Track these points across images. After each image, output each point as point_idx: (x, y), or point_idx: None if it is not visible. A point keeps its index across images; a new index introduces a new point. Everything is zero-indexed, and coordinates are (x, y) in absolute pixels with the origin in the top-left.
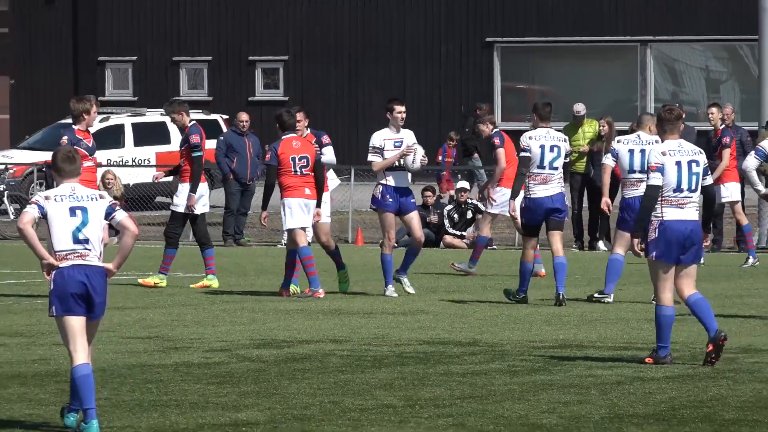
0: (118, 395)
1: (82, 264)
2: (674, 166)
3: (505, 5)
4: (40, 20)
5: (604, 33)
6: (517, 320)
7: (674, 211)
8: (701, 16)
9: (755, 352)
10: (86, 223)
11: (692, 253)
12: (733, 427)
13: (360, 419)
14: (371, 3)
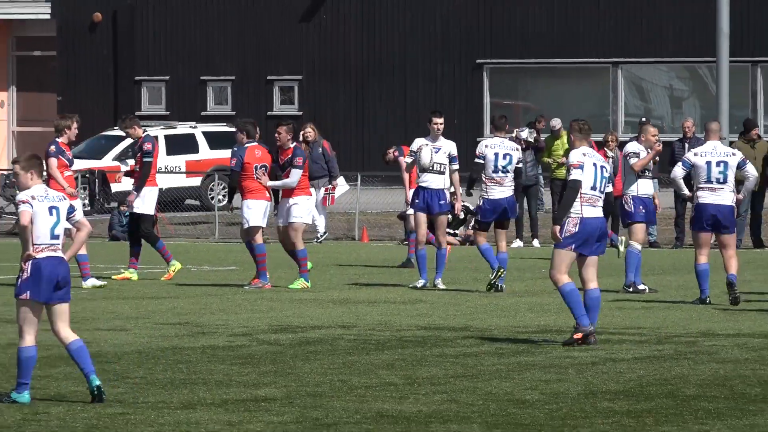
0: (152, 374)
1: (55, 256)
2: (592, 167)
3: (494, 31)
4: (84, 44)
5: (580, 55)
6: (504, 308)
7: (590, 209)
8: (666, 40)
9: (713, 336)
10: (59, 221)
11: (600, 246)
12: (693, 402)
13: (365, 395)
14: (375, 28)
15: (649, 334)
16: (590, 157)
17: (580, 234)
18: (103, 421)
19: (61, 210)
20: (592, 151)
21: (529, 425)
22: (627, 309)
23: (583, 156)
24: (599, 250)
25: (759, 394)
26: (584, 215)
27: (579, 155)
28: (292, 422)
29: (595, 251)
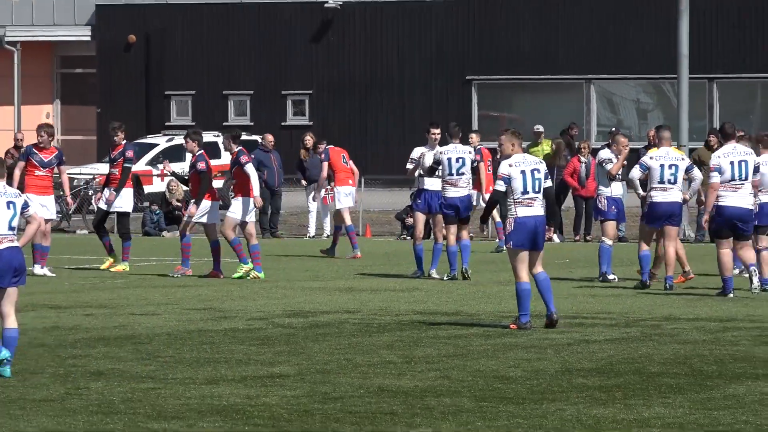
0: (180, 353)
1: (12, 246)
2: (519, 175)
3: (482, 51)
4: (120, 62)
5: (558, 72)
6: (490, 296)
7: (524, 209)
8: (633, 60)
9: (674, 320)
10: (16, 214)
11: (539, 241)
12: (657, 378)
13: (368, 372)
14: (376, 48)
15: (618, 319)
16: (517, 167)
17: (517, 232)
18: (137, 395)
19: (17, 205)
20: (521, 157)
21: (513, 399)
22: (599, 296)
23: (509, 167)
24: (538, 245)
25: (715, 371)
26: (518, 215)
27: (506, 167)
28: (304, 396)
29: (536, 246)
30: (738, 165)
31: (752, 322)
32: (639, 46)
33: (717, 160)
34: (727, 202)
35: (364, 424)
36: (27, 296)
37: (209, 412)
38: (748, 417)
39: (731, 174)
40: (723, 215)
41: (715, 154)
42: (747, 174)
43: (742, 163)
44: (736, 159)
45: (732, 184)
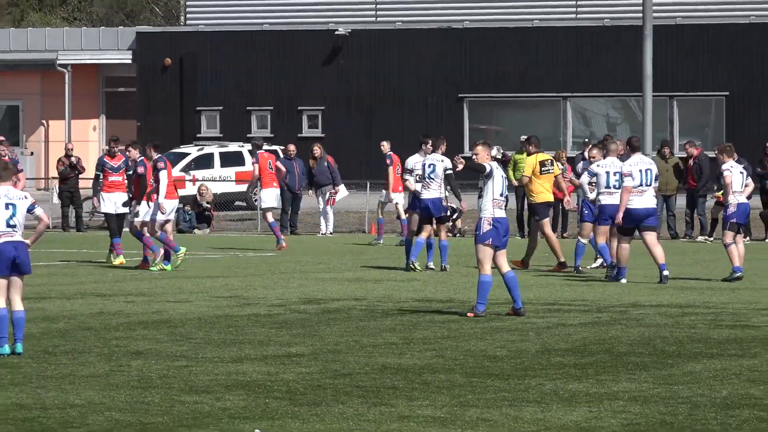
0: (209, 335)
1: (11, 240)
2: (501, 179)
3: (472, 72)
4: (158, 82)
5: (539, 91)
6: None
7: (499, 211)
8: (603, 80)
9: (640, 306)
10: (15, 214)
11: (506, 240)
12: (624, 357)
13: (372, 352)
14: (379, 70)
15: (590, 305)
16: (498, 170)
17: (494, 230)
18: (172, 371)
19: (19, 206)
20: (496, 165)
21: (499, 375)
22: (574, 286)
23: (497, 169)
24: (506, 243)
25: (675, 351)
26: (495, 215)
27: (494, 165)
28: (317, 373)
29: (503, 245)
30: (645, 173)
31: (708, 308)
32: (608, 68)
33: (629, 168)
34: (635, 204)
35: (370, 397)
36: (76, 285)
37: (235, 386)
38: (703, 391)
39: (640, 180)
40: (631, 216)
41: (627, 163)
42: (651, 180)
43: (647, 171)
44: (643, 168)
45: (639, 189)
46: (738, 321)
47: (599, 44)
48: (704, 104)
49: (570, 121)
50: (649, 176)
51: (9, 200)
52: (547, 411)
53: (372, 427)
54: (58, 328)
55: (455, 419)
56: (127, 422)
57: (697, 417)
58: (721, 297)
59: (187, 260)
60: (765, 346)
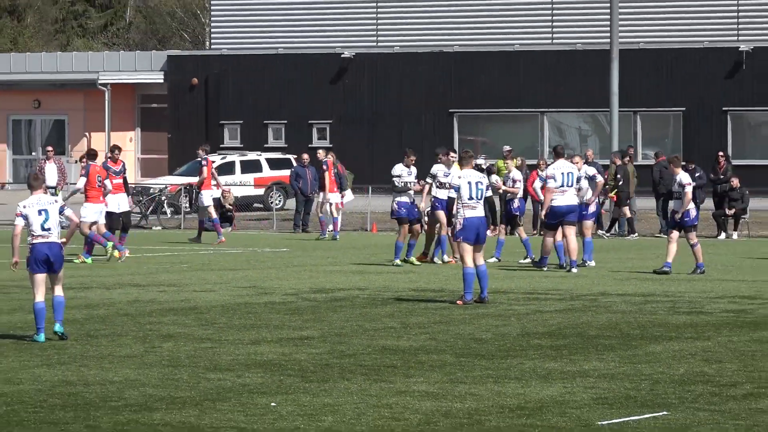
0: (231, 321)
1: (46, 242)
2: (467, 185)
3: (461, 90)
4: (186, 99)
5: (519, 106)
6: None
7: (470, 212)
8: (576, 97)
9: (608, 295)
10: (48, 218)
11: (481, 237)
12: (594, 340)
13: (374, 335)
14: (380, 89)
15: (564, 294)
16: (465, 178)
17: (464, 230)
18: (199, 352)
19: (51, 210)
20: (468, 172)
21: (485, 355)
22: (551, 278)
23: (459, 178)
24: (480, 240)
25: (638, 334)
26: (465, 216)
27: (456, 179)
28: (325, 353)
29: (480, 240)
30: (567, 175)
31: (667, 296)
32: (580, 87)
33: (552, 171)
34: (558, 202)
35: (371, 374)
36: (115, 277)
37: (253, 365)
38: (663, 369)
39: (562, 182)
40: (554, 212)
41: (551, 167)
42: (572, 182)
43: (568, 174)
44: (565, 171)
45: (561, 189)
46: (693, 308)
47: (572, 66)
48: (664, 118)
49: (547, 133)
50: (570, 178)
51: (42, 206)
52: (527, 387)
53: (374, 401)
54: (99, 315)
55: (446, 394)
56: (159, 396)
57: (658, 392)
58: (678, 287)
59: (202, 254)
60: (717, 330)
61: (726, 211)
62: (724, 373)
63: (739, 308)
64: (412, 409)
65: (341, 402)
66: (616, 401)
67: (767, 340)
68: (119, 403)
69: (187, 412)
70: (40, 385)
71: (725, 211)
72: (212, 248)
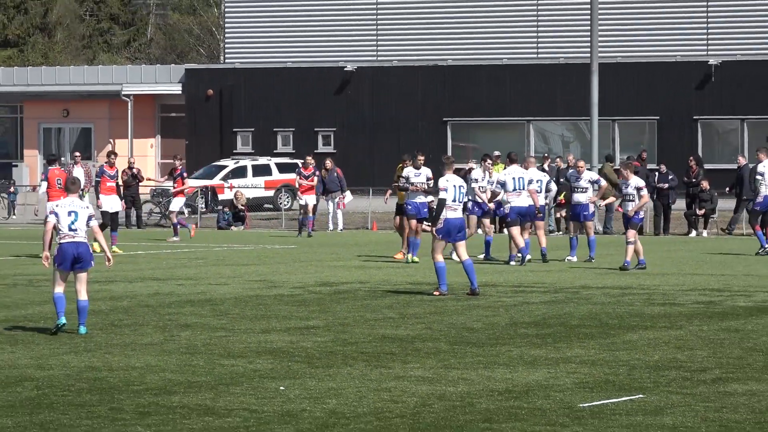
0: (243, 312)
1: (72, 241)
2: (453, 188)
3: (454, 100)
4: (202, 108)
5: (507, 115)
6: (461, 271)
7: (451, 213)
8: (559, 106)
9: (589, 288)
10: (76, 220)
11: (460, 236)
12: (576, 329)
13: (374, 325)
14: (380, 99)
15: (549, 287)
16: (451, 181)
17: (444, 229)
18: (214, 340)
19: (80, 213)
20: (452, 176)
21: (476, 343)
22: (536, 272)
23: (447, 182)
24: (459, 237)
25: (616, 324)
26: (447, 216)
27: (444, 182)
28: (330, 342)
29: (458, 239)
30: (518, 180)
31: (643, 289)
32: (563, 97)
33: (504, 177)
34: (515, 203)
35: (372, 361)
36: (137, 272)
37: (264, 352)
38: (639, 356)
39: (514, 186)
40: (513, 211)
41: (503, 173)
42: (523, 186)
43: (519, 179)
44: (516, 176)
45: (515, 192)
46: (667, 300)
47: (556, 78)
48: (640, 126)
49: (532, 140)
50: (522, 183)
51: (73, 208)
52: (515, 372)
53: (374, 385)
54: (122, 306)
55: (440, 378)
56: (177, 381)
57: (634, 376)
58: (653, 281)
59: (217, 251)
60: (689, 320)
61: (697, 211)
62: (695, 359)
63: (709, 300)
64: (410, 393)
65: (344, 386)
66: (596, 385)
67: (734, 329)
68: (141, 387)
69: (203, 396)
70: (68, 370)
71: (696, 211)
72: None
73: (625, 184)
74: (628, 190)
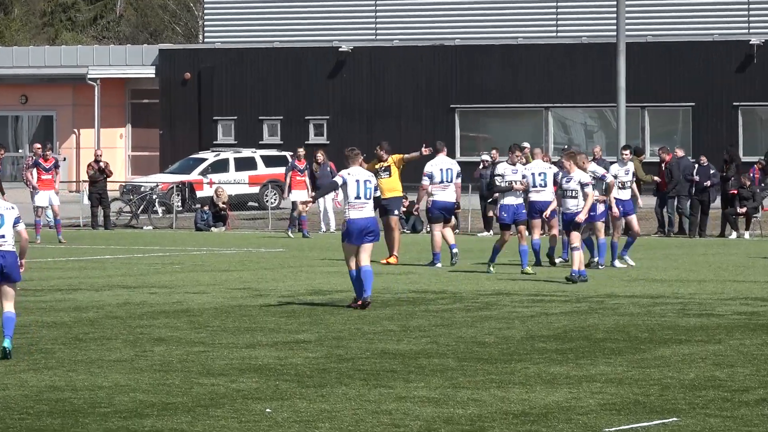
0: (225, 324)
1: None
2: (354, 183)
3: (462, 85)
4: (178, 94)
5: (523, 102)
6: (470, 277)
7: (355, 212)
8: (581, 92)
9: (615, 297)
10: (2, 224)
11: (368, 238)
12: (601, 343)
13: (373, 339)
14: (379, 84)
15: (570, 296)
16: (353, 176)
17: (349, 231)
18: (191, 356)
19: (6, 216)
20: (356, 169)
21: (487, 359)
22: (556, 279)
23: (348, 175)
24: (367, 240)
25: (647, 338)
26: (350, 217)
27: (346, 173)
28: (322, 357)
29: (365, 241)
30: (445, 171)
31: (676, 298)
32: (586, 81)
33: (430, 168)
34: (438, 198)
35: (370, 379)
36: (104, 278)
37: (248, 370)
38: (673, 374)
39: (441, 177)
40: (436, 206)
41: (429, 164)
42: (451, 178)
43: (447, 171)
44: (444, 167)
45: (441, 185)
46: (704, 310)
47: (577, 59)
48: (672, 114)
49: (551, 130)
50: (449, 174)
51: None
52: (532, 392)
53: (372, 407)
54: (88, 317)
55: (448, 399)
56: (150, 402)
57: (667, 397)
58: (688, 288)
59: (195, 255)
60: (729, 333)
61: (738, 209)
62: (735, 377)
63: (752, 310)
64: (413, 416)
65: (339, 408)
66: (624, 407)
67: None
68: (108, 409)
69: (179, 419)
70: (26, 390)
71: (737, 209)
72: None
73: (567, 178)
74: (570, 185)
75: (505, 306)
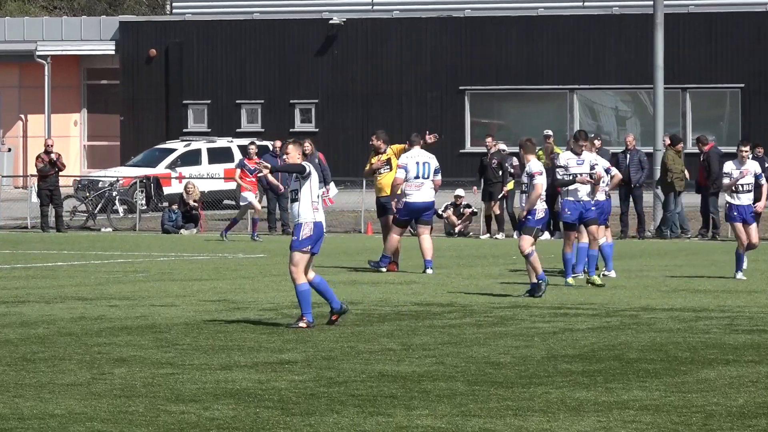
0: (197, 341)
1: None
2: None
3: (473, 63)
4: (142, 75)
5: (543, 83)
6: (482, 288)
7: (319, 215)
8: (612, 71)
9: (651, 311)
10: None
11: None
12: (635, 364)
13: (369, 359)
14: (377, 61)
15: (599, 309)
16: (414, 158)
17: (314, 236)
18: (157, 379)
19: None
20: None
21: (503, 383)
22: (582, 289)
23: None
24: (426, 216)
25: (688, 357)
26: (316, 219)
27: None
28: (311, 381)
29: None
30: (422, 165)
31: (722, 312)
32: (618, 59)
33: (405, 161)
34: (412, 199)
35: (366, 406)
36: (56, 289)
37: (223, 395)
38: (718, 399)
39: (416, 172)
40: (408, 208)
41: (404, 156)
42: (428, 173)
43: (425, 164)
44: (420, 160)
45: (416, 182)
46: (755, 326)
47: (607, 33)
48: (718, 97)
49: (577, 115)
50: (427, 169)
51: None
52: (554, 421)
53: None
54: (37, 334)
55: (457, 429)
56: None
57: (712, 427)
58: (737, 300)
59: (162, 261)
60: None
61: None
62: None
63: None
64: None
65: None
66: None
67: None
68: None
69: None
70: None
71: None
72: None
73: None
74: (524, 177)
75: (523, 321)
